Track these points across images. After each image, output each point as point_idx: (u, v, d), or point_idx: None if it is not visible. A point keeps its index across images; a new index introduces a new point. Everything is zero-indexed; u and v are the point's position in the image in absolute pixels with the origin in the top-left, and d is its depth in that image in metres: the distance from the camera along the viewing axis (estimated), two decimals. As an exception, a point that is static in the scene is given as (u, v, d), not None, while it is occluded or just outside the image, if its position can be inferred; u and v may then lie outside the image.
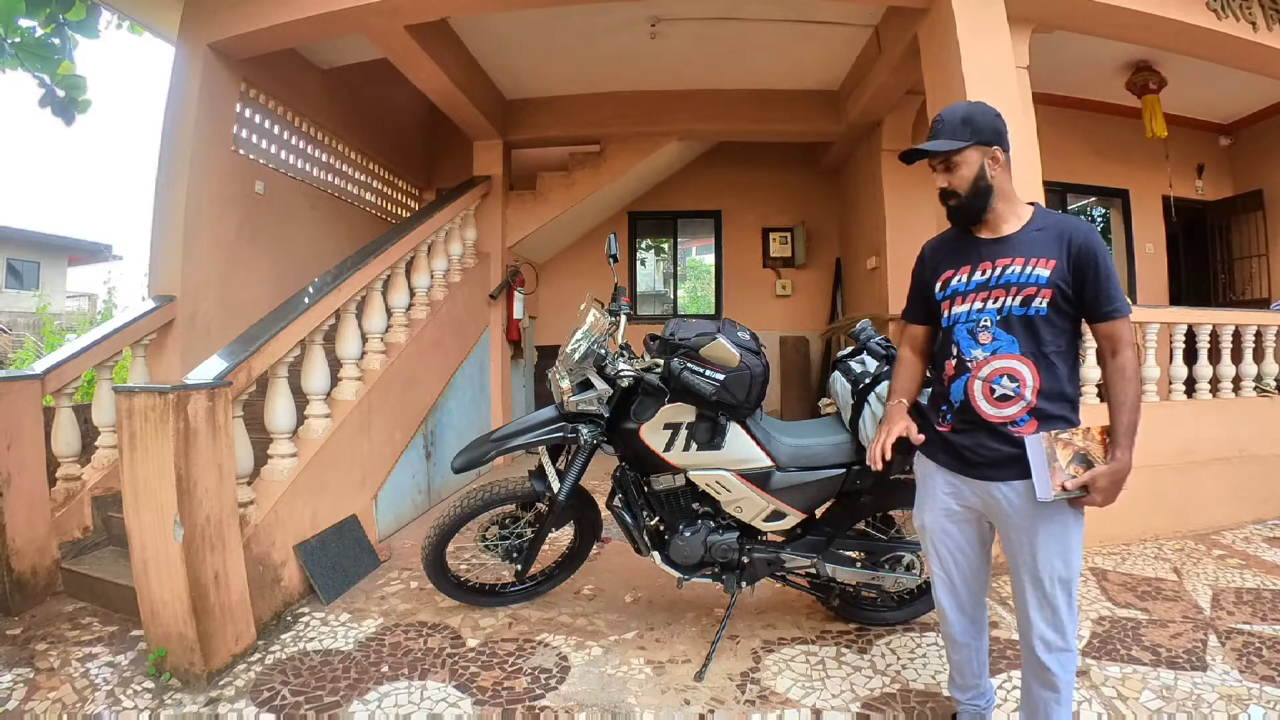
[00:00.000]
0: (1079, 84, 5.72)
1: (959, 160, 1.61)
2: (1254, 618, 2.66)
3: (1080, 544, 1.61)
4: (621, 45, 4.91)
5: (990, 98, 3.27)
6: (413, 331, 4.16)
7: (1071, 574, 1.60)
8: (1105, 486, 1.50)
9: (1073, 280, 1.55)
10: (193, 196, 3.97)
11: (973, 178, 1.61)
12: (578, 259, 7.05)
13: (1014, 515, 1.60)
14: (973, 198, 1.62)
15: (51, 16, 3.31)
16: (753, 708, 2.10)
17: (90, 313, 10.79)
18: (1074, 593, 1.62)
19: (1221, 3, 3.89)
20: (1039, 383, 1.56)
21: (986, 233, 1.66)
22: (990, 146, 1.61)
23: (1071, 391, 1.60)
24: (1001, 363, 1.58)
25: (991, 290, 1.60)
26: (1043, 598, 1.60)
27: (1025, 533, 1.60)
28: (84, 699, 2.19)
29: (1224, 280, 6.87)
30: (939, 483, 1.74)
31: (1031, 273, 1.56)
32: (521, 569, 2.73)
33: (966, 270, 1.65)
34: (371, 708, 2.12)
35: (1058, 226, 1.61)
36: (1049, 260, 1.56)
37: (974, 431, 1.63)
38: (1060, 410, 1.57)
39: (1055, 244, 1.57)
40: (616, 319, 2.52)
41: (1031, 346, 1.57)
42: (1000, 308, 1.59)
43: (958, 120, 1.62)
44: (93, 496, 3.25)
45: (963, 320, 1.64)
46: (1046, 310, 1.55)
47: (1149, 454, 3.67)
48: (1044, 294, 1.55)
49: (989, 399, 1.59)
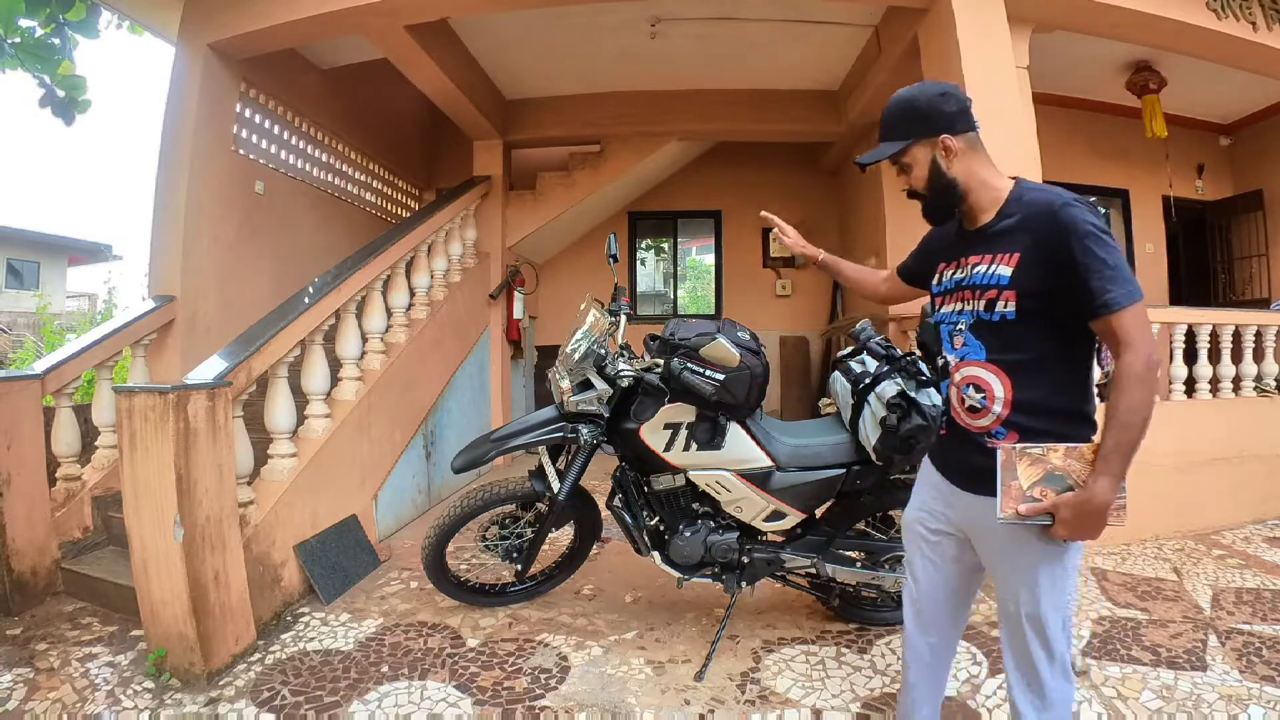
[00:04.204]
0: (1079, 84, 5.72)
1: (908, 161, 1.44)
2: (1254, 618, 2.66)
3: (1060, 580, 1.36)
4: (621, 45, 4.91)
5: (990, 98, 3.37)
6: (413, 331, 4.16)
7: (1041, 611, 1.36)
8: (1068, 519, 1.25)
9: (1044, 274, 1.29)
10: (193, 196, 3.97)
11: (926, 176, 1.42)
12: (578, 259, 7.05)
13: (985, 533, 1.43)
14: (937, 196, 1.44)
15: (51, 16, 3.32)
16: (753, 708, 2.10)
17: (90, 313, 10.80)
18: (1051, 637, 1.37)
19: (1221, 3, 3.89)
20: (1011, 394, 1.35)
21: (969, 223, 1.46)
22: (936, 136, 1.39)
23: (1066, 403, 1.36)
24: (968, 370, 1.41)
25: (963, 291, 1.43)
26: (1014, 634, 1.42)
27: (991, 555, 1.45)
28: (84, 699, 2.19)
29: (1224, 280, 6.87)
30: (927, 483, 1.62)
31: (993, 272, 1.35)
32: (521, 569, 2.73)
33: (950, 267, 1.49)
34: (371, 708, 2.12)
35: (1027, 209, 1.34)
36: (1013, 255, 1.32)
37: (958, 438, 1.47)
38: (1048, 425, 1.33)
39: (1020, 233, 1.33)
40: (616, 319, 2.53)
41: (1002, 354, 1.36)
42: (970, 310, 1.40)
43: (897, 116, 1.44)
44: (93, 496, 3.25)
45: (945, 321, 1.49)
46: (1015, 314, 1.32)
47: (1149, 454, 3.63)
48: (1006, 296, 1.32)
49: (961, 407, 1.44)
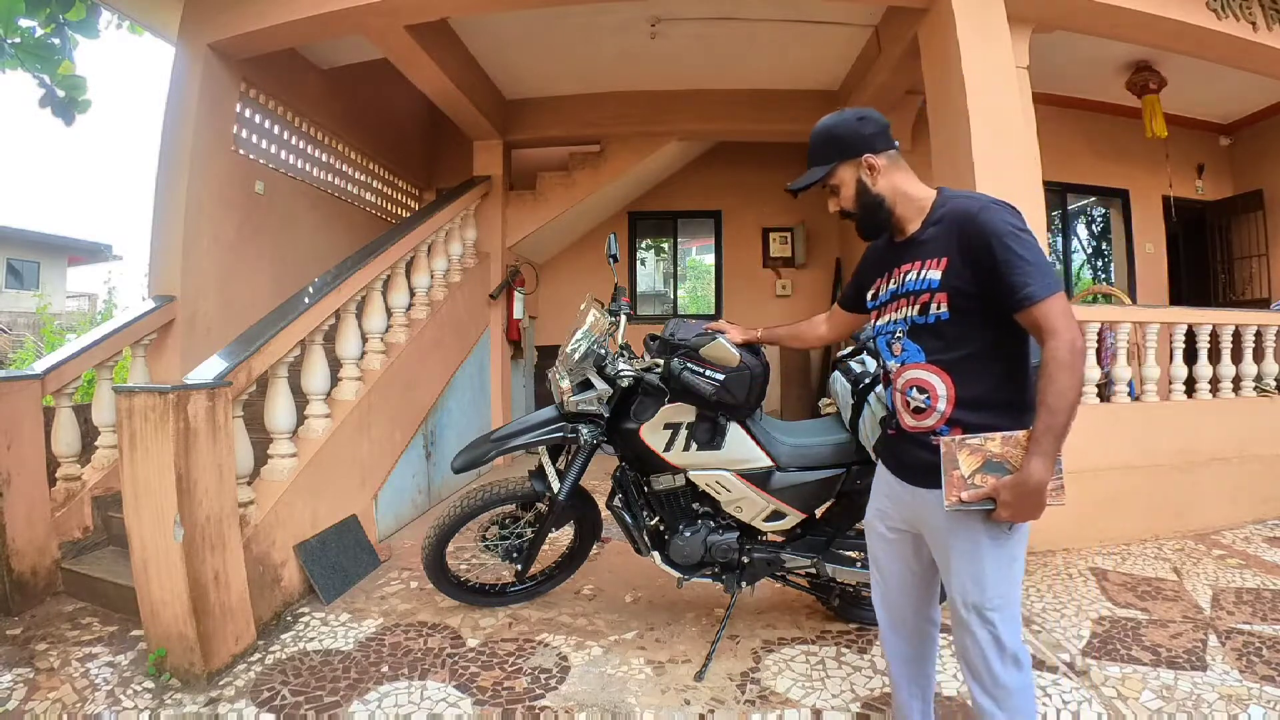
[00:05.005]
0: (1079, 84, 5.72)
1: (835, 183, 1.53)
2: (1254, 618, 2.66)
3: (1005, 568, 1.41)
4: (621, 45, 4.91)
5: (990, 98, 3.38)
6: (413, 331, 4.16)
7: (986, 600, 1.40)
8: (1009, 500, 1.31)
9: (971, 274, 1.37)
10: (193, 196, 3.97)
11: (854, 195, 1.52)
12: (578, 259, 7.05)
13: (934, 527, 1.48)
14: (866, 213, 1.53)
15: (51, 16, 3.32)
16: (753, 708, 2.10)
17: (90, 313, 10.80)
18: (998, 627, 1.40)
19: (1221, 3, 3.89)
20: (953, 391, 1.41)
21: (898, 235, 1.55)
22: (858, 157, 1.49)
23: (1008, 395, 1.42)
24: (911, 373, 1.48)
25: (898, 300, 1.51)
26: (962, 630, 1.45)
27: (940, 548, 1.49)
28: (84, 699, 2.19)
29: (1224, 280, 6.87)
30: (882, 483, 1.67)
31: (924, 277, 1.44)
32: (521, 569, 2.73)
33: (884, 280, 1.57)
34: (371, 708, 2.12)
35: (950, 215, 1.43)
36: (940, 259, 1.41)
37: (905, 439, 1.54)
38: (988, 419, 1.39)
39: (945, 238, 1.42)
40: (616, 319, 2.52)
41: (939, 354, 1.43)
42: (904, 317, 1.48)
43: (820, 143, 1.54)
44: (93, 496, 3.25)
45: (882, 332, 1.56)
46: (948, 314, 1.40)
47: (1149, 454, 3.73)
48: (938, 299, 1.41)
49: (907, 410, 1.50)
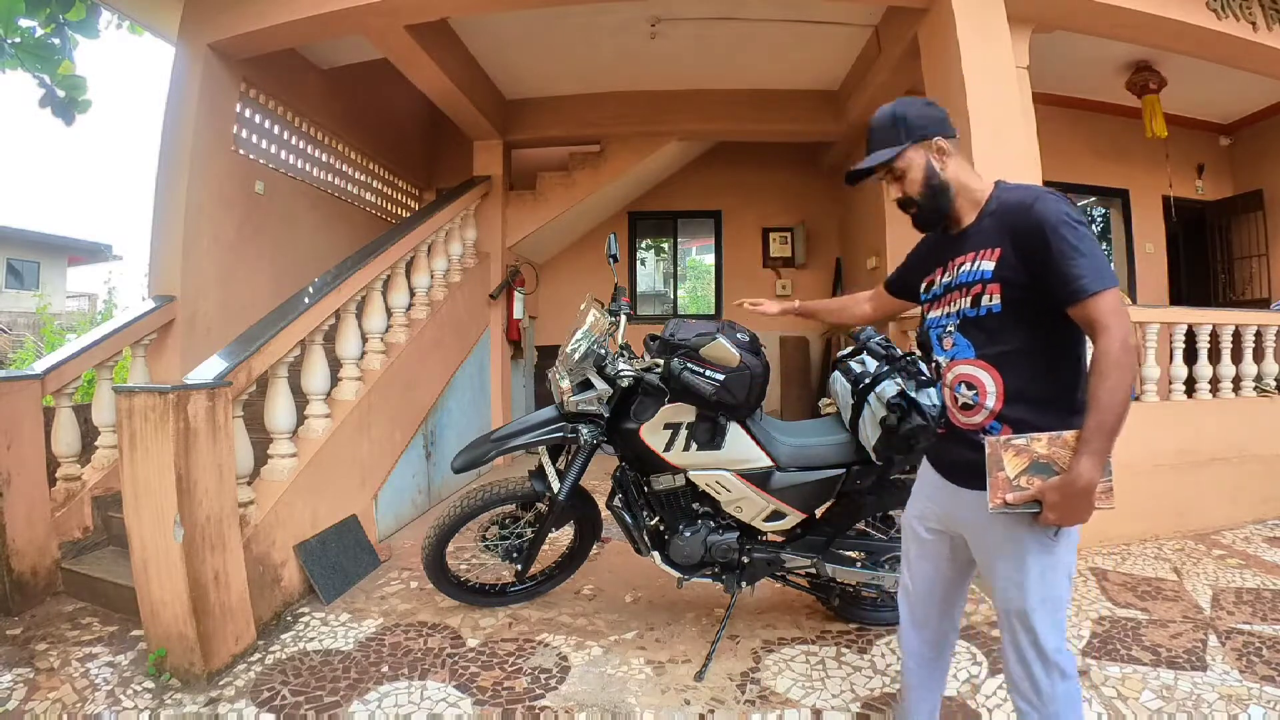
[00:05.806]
0: (1079, 84, 5.71)
1: (903, 166, 1.47)
2: (1254, 618, 2.66)
3: (1050, 573, 1.36)
4: (621, 45, 4.91)
5: (990, 98, 3.38)
6: (413, 331, 4.16)
7: (1029, 607, 1.36)
8: (1055, 502, 1.26)
9: (1023, 266, 1.33)
10: (193, 196, 3.97)
11: (923, 179, 1.46)
12: (578, 259, 7.05)
13: (978, 529, 1.45)
14: (931, 200, 1.47)
15: (51, 16, 3.32)
16: (753, 708, 2.10)
17: (90, 313, 10.80)
18: (1041, 635, 1.37)
19: (1221, 3, 3.89)
20: (1002, 387, 1.37)
21: (953, 227, 1.51)
22: (930, 139, 1.45)
23: (1058, 393, 1.37)
24: (960, 369, 1.44)
25: (951, 293, 1.47)
26: (1007, 631, 1.43)
27: (984, 551, 1.46)
28: (84, 699, 2.19)
29: (1224, 280, 6.86)
30: (926, 482, 1.64)
31: (977, 268, 1.40)
32: (521, 569, 2.73)
33: (940, 272, 1.53)
34: (371, 708, 2.12)
35: (1005, 206, 1.40)
36: (994, 250, 1.38)
37: (954, 436, 1.50)
38: (1038, 417, 1.34)
39: (999, 229, 1.38)
40: (616, 319, 2.52)
41: (989, 349, 1.39)
42: (957, 311, 1.45)
43: (887, 124, 1.48)
44: (93, 496, 3.25)
45: (934, 325, 1.52)
46: (1000, 307, 1.36)
47: (1149, 454, 3.72)
48: (990, 289, 1.37)
49: (955, 407, 1.47)
